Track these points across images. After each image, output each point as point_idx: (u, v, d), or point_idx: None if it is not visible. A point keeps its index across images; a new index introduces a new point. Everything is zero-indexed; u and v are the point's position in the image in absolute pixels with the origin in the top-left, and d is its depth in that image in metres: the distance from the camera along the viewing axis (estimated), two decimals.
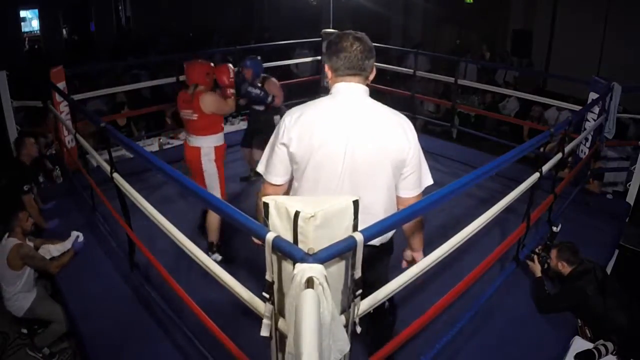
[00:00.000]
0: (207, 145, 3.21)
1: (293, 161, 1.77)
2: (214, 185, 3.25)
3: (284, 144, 1.75)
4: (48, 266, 3.19)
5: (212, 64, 3.29)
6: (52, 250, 3.30)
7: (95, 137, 5.18)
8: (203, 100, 3.12)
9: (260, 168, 1.89)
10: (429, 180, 1.88)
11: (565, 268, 2.85)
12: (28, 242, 3.29)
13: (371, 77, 1.81)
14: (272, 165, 1.81)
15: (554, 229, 3.06)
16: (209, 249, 3.27)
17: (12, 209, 3.62)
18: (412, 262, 2.06)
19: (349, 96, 1.77)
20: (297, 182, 1.82)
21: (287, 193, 1.88)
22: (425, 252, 1.87)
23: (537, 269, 2.93)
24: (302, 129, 1.72)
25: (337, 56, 1.76)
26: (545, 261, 2.94)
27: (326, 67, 1.82)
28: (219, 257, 3.26)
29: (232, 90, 3.31)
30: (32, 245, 3.27)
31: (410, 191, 1.84)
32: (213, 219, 3.24)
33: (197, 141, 3.21)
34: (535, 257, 2.95)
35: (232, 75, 3.30)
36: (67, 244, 3.32)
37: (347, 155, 1.71)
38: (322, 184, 1.75)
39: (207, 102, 3.14)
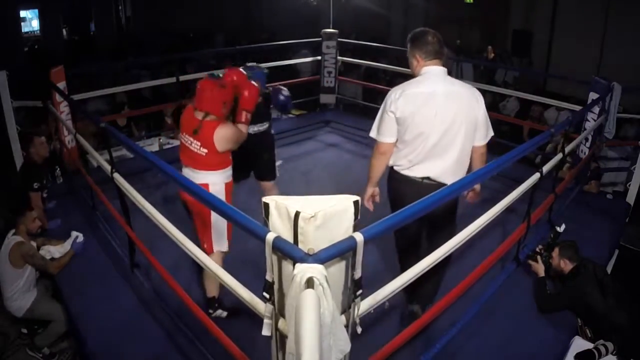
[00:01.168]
0: (217, 182, 2.56)
1: (399, 123, 2.35)
2: (221, 230, 2.59)
3: (392, 112, 2.34)
4: (48, 266, 3.19)
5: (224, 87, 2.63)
6: (52, 251, 3.30)
7: (96, 137, 5.20)
8: (219, 136, 2.49)
9: (372, 133, 2.48)
10: (491, 133, 2.51)
11: (567, 266, 2.84)
12: (31, 241, 3.29)
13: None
14: (384, 127, 2.41)
15: (558, 229, 3.04)
16: (209, 307, 2.69)
17: (21, 206, 3.63)
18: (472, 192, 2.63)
19: (436, 75, 2.37)
20: (400, 139, 2.39)
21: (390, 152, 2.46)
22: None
23: (540, 268, 2.92)
24: (406, 99, 2.32)
25: (425, 47, 2.36)
26: (547, 261, 2.93)
27: (416, 56, 2.39)
28: (224, 313, 2.72)
29: (249, 115, 2.73)
30: (34, 245, 3.27)
31: (480, 141, 2.47)
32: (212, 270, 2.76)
33: (203, 177, 2.53)
34: (538, 257, 2.94)
35: (259, 99, 2.82)
36: (66, 245, 3.32)
37: (436, 117, 2.30)
38: (420, 138, 2.34)
39: (224, 138, 2.51)
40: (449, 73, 2.40)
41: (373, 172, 2.51)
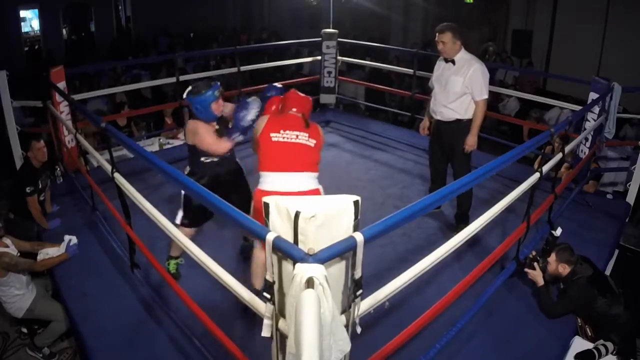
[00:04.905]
0: (320, 186, 2.47)
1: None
2: None
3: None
4: (33, 267, 3.16)
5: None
6: (51, 253, 3.27)
7: (96, 137, 5.19)
8: (320, 129, 2.57)
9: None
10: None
11: (565, 269, 2.81)
12: (19, 244, 3.23)
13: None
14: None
15: (554, 233, 2.98)
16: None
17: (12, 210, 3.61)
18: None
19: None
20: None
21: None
22: (426, 253, 1.87)
23: (539, 276, 2.83)
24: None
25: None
26: (545, 267, 2.87)
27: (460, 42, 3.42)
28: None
29: None
30: (13, 252, 3.16)
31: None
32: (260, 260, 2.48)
33: (313, 181, 2.42)
34: (535, 264, 2.85)
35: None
36: (62, 248, 3.28)
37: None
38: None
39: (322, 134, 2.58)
40: None
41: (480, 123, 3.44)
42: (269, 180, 2.38)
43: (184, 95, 2.82)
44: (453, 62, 3.43)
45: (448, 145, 3.59)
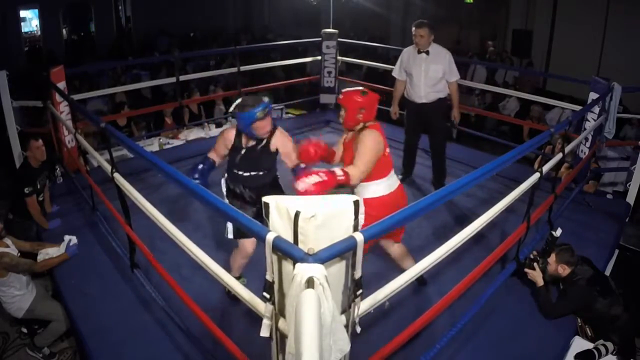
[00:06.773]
0: None
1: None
2: None
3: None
4: (34, 267, 3.16)
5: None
6: (51, 253, 3.27)
7: (96, 137, 5.19)
8: None
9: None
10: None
11: (565, 270, 2.80)
12: (19, 245, 3.23)
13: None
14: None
15: (554, 233, 2.98)
16: None
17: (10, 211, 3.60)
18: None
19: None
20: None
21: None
22: (426, 253, 1.87)
23: (538, 276, 2.82)
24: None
25: None
26: (545, 267, 2.86)
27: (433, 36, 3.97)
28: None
29: None
30: (14, 253, 3.14)
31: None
32: None
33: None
34: (535, 264, 2.84)
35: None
36: (62, 249, 3.28)
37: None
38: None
39: None
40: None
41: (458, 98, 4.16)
42: (386, 184, 2.64)
43: (231, 108, 2.66)
44: (427, 52, 3.98)
45: (430, 121, 4.16)
